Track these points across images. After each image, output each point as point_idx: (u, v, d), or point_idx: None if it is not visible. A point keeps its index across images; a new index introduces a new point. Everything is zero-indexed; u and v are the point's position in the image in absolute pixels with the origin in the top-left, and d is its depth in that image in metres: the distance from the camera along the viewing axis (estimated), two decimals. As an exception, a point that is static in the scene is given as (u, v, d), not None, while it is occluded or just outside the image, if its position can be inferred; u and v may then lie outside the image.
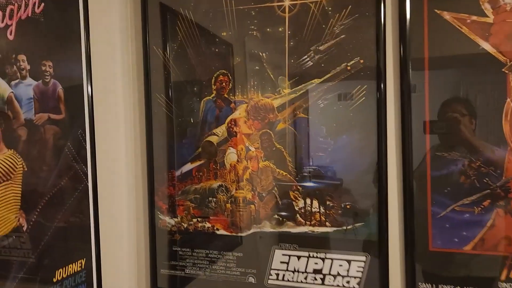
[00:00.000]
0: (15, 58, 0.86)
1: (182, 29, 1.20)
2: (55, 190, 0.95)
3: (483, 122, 0.97)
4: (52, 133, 0.95)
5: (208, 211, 1.20)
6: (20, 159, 0.85)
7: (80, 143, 1.04)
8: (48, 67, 0.94)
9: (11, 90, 0.85)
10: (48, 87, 0.94)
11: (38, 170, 0.91)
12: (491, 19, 0.95)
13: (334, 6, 1.06)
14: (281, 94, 1.12)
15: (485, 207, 0.97)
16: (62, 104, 0.99)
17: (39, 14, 0.92)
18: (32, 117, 0.90)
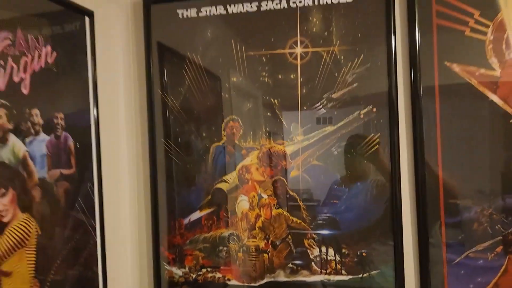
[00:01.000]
0: (29, 113, 0.83)
1: (190, 73, 1.21)
2: (66, 250, 0.93)
3: (493, 171, 1.03)
4: (63, 189, 0.93)
5: (218, 261, 1.19)
6: (34, 222, 0.82)
7: (89, 196, 1.02)
8: (60, 119, 0.92)
9: (26, 148, 0.81)
10: (60, 140, 0.92)
11: (51, 231, 0.88)
12: (498, 73, 1.01)
13: (346, 55, 1.11)
14: (294, 141, 1.14)
15: (498, 253, 1.03)
16: (73, 158, 0.97)
17: (51, 64, 0.90)
18: (45, 175, 0.87)
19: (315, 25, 1.14)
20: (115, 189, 1.18)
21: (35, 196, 0.83)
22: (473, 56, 1.04)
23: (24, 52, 0.82)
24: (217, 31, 1.20)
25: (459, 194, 1.05)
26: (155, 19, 1.23)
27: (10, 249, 0.78)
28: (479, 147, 1.05)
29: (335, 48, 1.12)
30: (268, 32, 1.16)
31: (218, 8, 1.19)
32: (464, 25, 1.04)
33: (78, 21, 1.00)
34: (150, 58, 1.24)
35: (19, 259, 0.80)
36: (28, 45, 0.83)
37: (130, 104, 1.26)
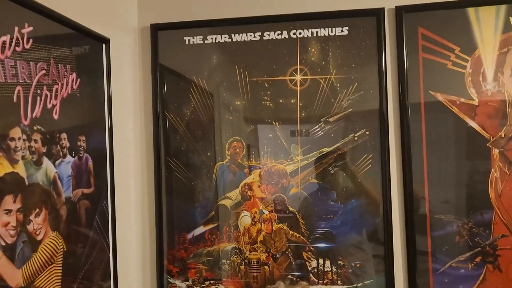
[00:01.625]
0: (59, 137, 0.89)
1: (196, 96, 1.29)
2: (86, 266, 0.98)
3: (472, 189, 1.16)
4: (84, 208, 0.99)
5: (221, 273, 1.27)
6: (61, 240, 0.88)
7: (104, 214, 1.09)
8: (82, 142, 0.99)
9: (56, 170, 0.88)
10: (82, 161, 0.99)
11: (75, 248, 0.93)
12: (476, 102, 1.15)
13: (342, 83, 1.23)
14: (293, 160, 1.24)
15: (477, 263, 1.16)
16: (92, 177, 1.03)
17: (76, 90, 0.97)
18: (70, 195, 0.93)
19: (313, 55, 1.25)
20: (125, 206, 1.25)
21: (63, 215, 0.89)
22: (455, 87, 1.18)
23: (56, 80, 0.88)
24: (221, 57, 1.30)
25: (443, 210, 1.18)
26: (162, 45, 1.32)
27: (42, 265, 0.84)
28: (460, 167, 1.18)
29: (331, 76, 1.24)
30: (270, 60, 1.27)
31: (223, 36, 1.29)
32: (447, 59, 1.18)
33: (97, 48, 1.07)
34: (157, 81, 1.32)
35: (49, 275, 0.85)
36: (59, 73, 0.89)
37: (138, 124, 1.34)
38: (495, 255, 1.16)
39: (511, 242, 1.16)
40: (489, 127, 1.17)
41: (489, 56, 1.17)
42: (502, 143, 1.16)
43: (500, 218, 1.16)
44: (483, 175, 1.17)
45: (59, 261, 0.87)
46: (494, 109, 1.16)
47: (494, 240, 1.17)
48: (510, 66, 1.16)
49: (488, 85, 1.17)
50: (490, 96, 1.17)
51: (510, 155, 1.15)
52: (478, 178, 1.18)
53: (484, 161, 1.18)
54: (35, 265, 0.83)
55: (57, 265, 0.87)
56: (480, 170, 1.18)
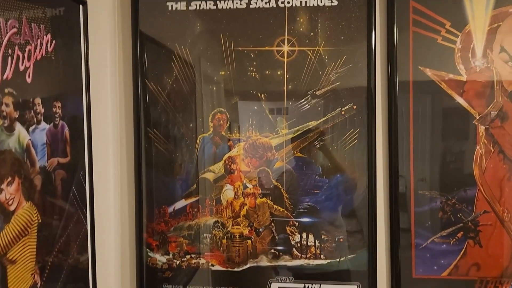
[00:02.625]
0: (32, 102, 0.84)
1: (178, 65, 1.24)
2: (62, 239, 0.94)
3: (457, 165, 1.16)
4: (60, 178, 0.94)
5: (203, 247, 1.25)
6: (36, 211, 0.83)
7: (81, 185, 1.04)
8: (57, 108, 0.93)
9: (29, 137, 0.82)
10: (58, 129, 0.93)
11: (50, 220, 0.89)
12: (465, 78, 1.14)
13: (330, 55, 1.19)
14: (279, 134, 1.22)
15: (458, 238, 1.17)
16: (68, 146, 0.98)
17: (51, 53, 0.91)
18: (45, 164, 0.88)
19: (302, 25, 1.21)
20: (103, 178, 1.20)
21: (37, 185, 0.85)
22: (444, 62, 1.17)
23: (29, 40, 0.82)
24: (206, 25, 1.25)
25: (427, 186, 1.18)
26: (143, 10, 1.25)
27: (16, 237, 0.79)
28: (446, 143, 1.18)
29: (320, 48, 1.20)
30: (256, 29, 1.22)
31: (208, 3, 1.23)
32: (437, 34, 1.16)
33: (73, 10, 1.01)
34: (137, 48, 1.25)
35: (23, 247, 0.81)
36: (32, 33, 0.83)
37: (116, 93, 1.27)
38: (476, 231, 1.18)
39: (492, 218, 1.17)
40: (476, 104, 1.17)
41: (479, 32, 1.15)
42: (488, 120, 1.16)
43: (483, 194, 1.17)
44: (468, 152, 1.17)
45: (33, 233, 0.83)
46: (482, 86, 1.16)
47: (476, 216, 1.18)
48: (499, 43, 1.15)
49: (477, 61, 1.16)
50: (478, 73, 1.16)
51: (496, 133, 1.16)
52: (464, 155, 1.18)
53: (470, 138, 1.18)
54: (7, 236, 0.78)
55: (31, 237, 0.83)
56: (466, 147, 1.18)
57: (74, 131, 1.00)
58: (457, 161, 1.18)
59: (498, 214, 1.16)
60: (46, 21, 0.90)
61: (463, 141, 1.18)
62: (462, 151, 1.18)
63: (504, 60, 1.14)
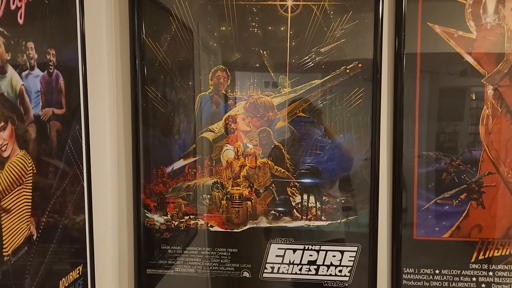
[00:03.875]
0: (25, 45, 0.79)
1: (177, 20, 1.19)
2: (58, 192, 0.91)
3: (463, 126, 1.14)
4: (55, 129, 0.90)
5: (202, 208, 1.22)
6: (30, 160, 0.80)
7: (78, 140, 1.00)
8: (52, 56, 0.89)
9: (22, 82, 0.78)
10: (52, 78, 0.89)
11: (46, 171, 0.86)
12: (474, 36, 1.11)
13: (336, 10, 1.15)
14: (281, 92, 1.18)
15: (461, 200, 1.16)
16: (63, 98, 0.94)
17: (43, -4, 0.85)
18: (40, 113, 0.84)
19: (307, -22, 1.16)
20: (100, 134, 1.16)
21: (31, 133, 0.81)
22: (454, 19, 1.13)
23: (19, -22, 0.77)
24: (206, -23, 1.19)
25: (432, 146, 1.16)
26: (140, -40, 1.19)
27: (10, 185, 0.76)
28: (452, 103, 1.15)
29: (325, 2, 1.16)
30: (259, -18, 1.17)
31: (209, -47, 1.18)
32: (447, -12, 1.12)
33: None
34: (134, 2, 1.20)
35: (17, 197, 0.78)
36: (23, -29, 0.78)
37: (112, 48, 1.22)
38: (480, 192, 1.16)
39: (496, 180, 1.15)
40: (485, 62, 1.14)
41: (491, -14, 1.12)
42: (497, 79, 1.13)
43: (488, 155, 1.15)
44: (475, 112, 1.15)
45: (28, 183, 0.80)
46: (492, 44, 1.12)
47: (480, 177, 1.16)
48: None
49: (488, 17, 1.12)
50: (489, 30, 1.12)
51: (504, 92, 1.13)
52: (470, 114, 1.15)
53: (477, 97, 1.15)
54: (2, 183, 0.75)
55: (26, 187, 0.79)
56: (473, 106, 1.15)
57: (70, 82, 0.96)
58: (464, 120, 1.15)
59: (502, 175, 1.14)
60: (38, -39, 0.85)
61: (470, 100, 1.15)
62: (469, 111, 1.15)
63: (515, 17, 1.10)
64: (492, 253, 1.17)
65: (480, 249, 1.18)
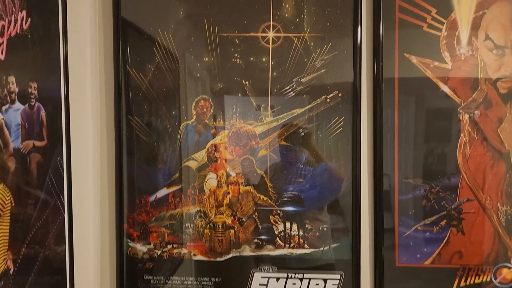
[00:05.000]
0: (6, 80, 0.80)
1: (160, 51, 1.21)
2: (39, 223, 0.90)
3: (441, 153, 1.16)
4: (36, 161, 0.90)
5: (185, 237, 1.22)
6: (9, 193, 0.80)
7: (59, 171, 1.00)
8: (33, 89, 0.90)
9: (2, 116, 0.79)
10: (33, 111, 0.90)
11: (25, 203, 0.85)
12: (450, 66, 1.14)
13: (316, 42, 1.18)
14: (263, 121, 1.20)
15: (442, 226, 1.17)
16: (45, 129, 0.94)
17: (26, 30, 0.87)
18: (20, 146, 0.85)
19: (287, 11, 1.20)
20: (82, 165, 1.16)
21: (10, 167, 0.81)
22: (429, 50, 1.16)
23: (2, 15, 0.79)
24: (189, 10, 1.22)
25: (412, 173, 1.18)
26: (124, -7, 1.22)
27: (-13, 220, 0.76)
28: (430, 131, 1.18)
29: (305, 34, 1.19)
30: (241, 14, 1.20)
31: (192, -14, 1.21)
32: (423, 21, 1.16)
33: (51, -12, 0.97)
34: (118, 32, 1.22)
35: (-6, 231, 0.78)
36: (5, 7, 0.80)
37: (97, 79, 1.24)
38: (459, 219, 1.18)
39: (475, 206, 1.17)
40: (461, 92, 1.17)
41: (464, 19, 1.15)
42: (472, 108, 1.16)
43: (467, 182, 1.17)
44: (452, 140, 1.18)
45: (6, 216, 0.80)
46: (467, 74, 1.16)
47: (459, 204, 1.18)
48: (484, 30, 1.15)
49: (462, 49, 1.16)
50: (463, 61, 1.16)
51: (480, 120, 1.16)
52: (448, 142, 1.18)
53: (454, 126, 1.18)
54: (-22, 219, 0.75)
55: (3, 220, 0.79)
56: (450, 134, 1.18)
57: (51, 114, 0.97)
58: (442, 148, 1.18)
59: (481, 201, 1.16)
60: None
61: (448, 129, 1.18)
62: (446, 139, 1.18)
63: (488, 48, 1.14)
64: (473, 280, 1.18)
65: (461, 275, 1.19)
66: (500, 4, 1.13)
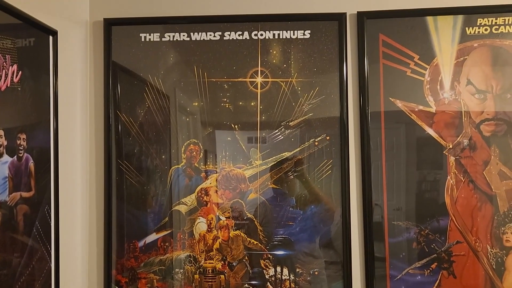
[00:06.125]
0: (-6, 134, 0.81)
1: (150, 96, 1.23)
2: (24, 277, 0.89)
3: (430, 196, 1.17)
4: (23, 213, 0.90)
5: (174, 283, 1.21)
6: (-6, 246, 0.79)
7: (46, 220, 1.00)
8: (22, 141, 0.90)
9: (-11, 170, 0.79)
10: (22, 162, 0.90)
11: (10, 257, 0.84)
12: (434, 109, 1.17)
13: (303, 86, 1.21)
14: (252, 165, 1.21)
15: (433, 269, 1.17)
16: (32, 180, 0.94)
17: (16, 84, 0.88)
18: (6, 198, 0.84)
19: (275, 57, 1.23)
20: (70, 212, 1.15)
21: (-4, 221, 0.81)
22: (413, 94, 1.19)
23: (-7, 70, 0.80)
24: (179, 56, 1.25)
25: (401, 216, 1.18)
26: (116, 41, 1.24)
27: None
28: (418, 174, 1.19)
29: (293, 79, 1.22)
30: (230, 60, 1.23)
31: (182, 34, 1.24)
32: (406, 66, 1.19)
33: (43, 41, 0.99)
34: (109, 79, 1.24)
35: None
36: (-4, 63, 0.81)
37: (87, 124, 1.25)
38: (450, 261, 1.18)
39: (465, 248, 1.17)
40: (446, 135, 1.19)
41: (446, 65, 1.19)
42: (458, 151, 1.18)
43: (455, 224, 1.17)
44: (440, 182, 1.19)
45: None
46: (451, 117, 1.18)
47: (449, 247, 1.18)
48: (466, 76, 1.19)
49: (445, 93, 1.19)
50: (447, 104, 1.19)
51: (465, 163, 1.18)
52: (435, 185, 1.19)
53: (441, 169, 1.19)
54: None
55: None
56: (437, 177, 1.19)
57: (40, 164, 0.97)
58: (430, 191, 1.19)
59: (470, 244, 1.17)
60: (12, 52, 0.89)
61: (434, 172, 1.19)
62: (433, 181, 1.19)
63: (470, 93, 1.17)
64: (466, 324, 1.17)
65: (454, 319, 1.18)
66: (480, 50, 1.18)
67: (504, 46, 1.18)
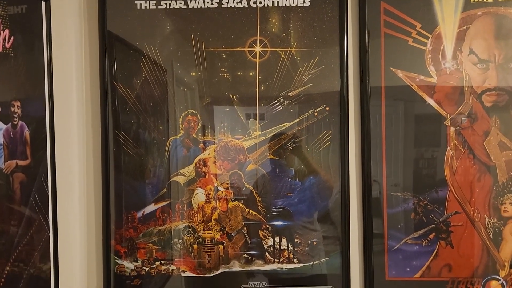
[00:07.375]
0: (-13, 100, 0.79)
1: (147, 65, 1.21)
2: (22, 246, 0.89)
3: (429, 166, 1.16)
4: (19, 181, 0.89)
5: (173, 253, 1.21)
6: (-9, 215, 0.78)
7: (43, 189, 0.99)
8: (16, 108, 0.88)
9: (-16, 137, 0.78)
10: (17, 130, 0.89)
11: (7, 226, 0.84)
12: (435, 79, 1.15)
13: (303, 56, 1.18)
14: (251, 136, 1.20)
15: (430, 239, 1.17)
16: (28, 148, 0.93)
17: (9, 49, 0.86)
18: (1, 166, 0.83)
19: (274, 26, 1.20)
20: (68, 182, 1.15)
21: (-8, 188, 0.80)
22: (415, 64, 1.17)
23: (-17, 34, 0.78)
24: (176, 24, 1.22)
25: (400, 187, 1.18)
26: (110, 8, 1.21)
27: (-33, 243, 0.74)
28: (418, 144, 1.18)
29: (292, 49, 1.19)
30: (228, 29, 1.20)
31: (179, 2, 1.21)
32: (408, 36, 1.17)
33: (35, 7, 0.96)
34: (104, 47, 1.21)
35: (-24, 254, 0.76)
36: (-13, 27, 0.79)
37: (82, 95, 1.23)
38: (448, 232, 1.18)
39: (463, 219, 1.18)
40: (447, 105, 1.18)
41: (449, 34, 1.17)
42: (458, 121, 1.17)
43: (454, 195, 1.17)
44: (439, 153, 1.18)
45: (-13, 239, 0.79)
46: (452, 88, 1.17)
47: (447, 217, 1.18)
48: (468, 45, 1.16)
49: (447, 63, 1.17)
50: (448, 75, 1.17)
51: (466, 133, 1.17)
52: (435, 156, 1.18)
53: (441, 139, 1.19)
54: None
55: (-15, 244, 0.78)
56: (437, 148, 1.18)
57: (36, 132, 0.96)
58: (429, 162, 1.18)
59: (468, 214, 1.17)
60: (3, 17, 0.86)
61: (434, 143, 1.18)
62: (433, 152, 1.18)
63: (473, 62, 1.15)
64: (462, 293, 1.18)
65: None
66: (483, 19, 1.15)
67: (509, 14, 1.15)
